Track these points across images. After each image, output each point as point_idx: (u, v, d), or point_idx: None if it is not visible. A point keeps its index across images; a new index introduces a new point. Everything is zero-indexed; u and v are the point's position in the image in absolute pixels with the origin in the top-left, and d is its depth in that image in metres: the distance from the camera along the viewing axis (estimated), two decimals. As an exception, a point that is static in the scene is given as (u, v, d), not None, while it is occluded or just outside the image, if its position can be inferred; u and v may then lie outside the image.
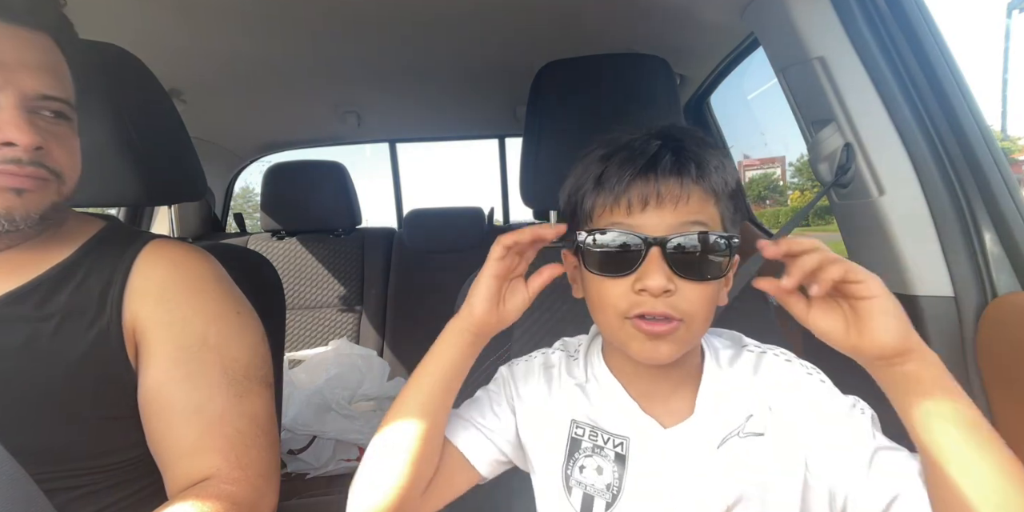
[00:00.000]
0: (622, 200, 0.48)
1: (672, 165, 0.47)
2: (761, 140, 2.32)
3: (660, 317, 0.47)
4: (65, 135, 0.55)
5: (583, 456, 0.53)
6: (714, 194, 0.48)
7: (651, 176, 0.47)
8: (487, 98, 1.77)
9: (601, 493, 0.52)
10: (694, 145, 0.50)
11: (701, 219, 0.47)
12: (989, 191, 0.68)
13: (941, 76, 0.70)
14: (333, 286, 1.91)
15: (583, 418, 0.55)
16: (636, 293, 0.47)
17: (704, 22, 1.08)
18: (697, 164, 0.48)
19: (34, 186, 0.52)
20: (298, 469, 1.45)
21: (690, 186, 0.47)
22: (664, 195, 0.47)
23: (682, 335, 0.48)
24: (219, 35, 1.11)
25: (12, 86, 0.50)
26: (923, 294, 0.72)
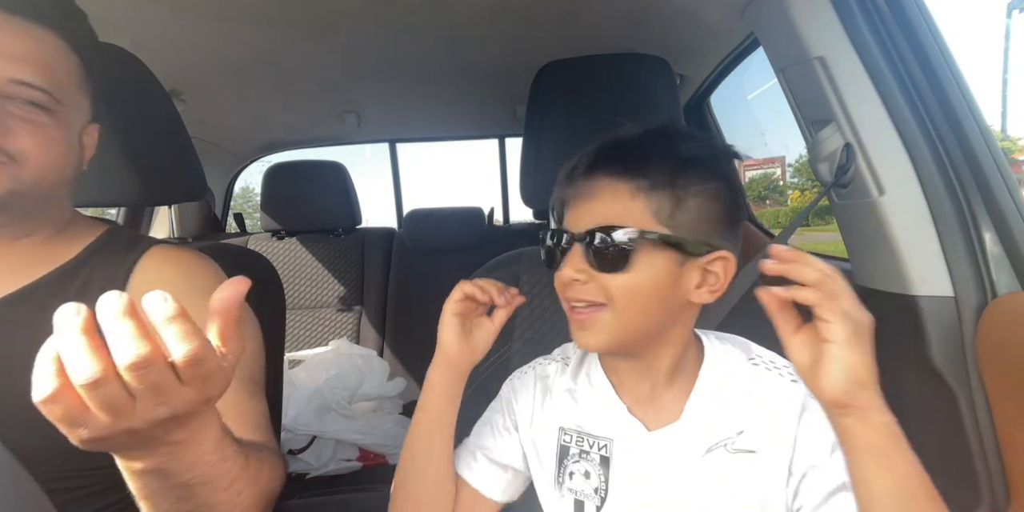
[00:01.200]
0: (558, 202, 0.55)
1: (586, 166, 0.52)
2: (761, 140, 2.32)
3: (580, 304, 0.51)
4: (40, 123, 0.54)
5: (571, 462, 0.55)
6: (630, 189, 0.49)
7: (571, 181, 0.53)
8: (487, 98, 1.77)
9: (590, 497, 0.53)
10: (625, 144, 0.52)
11: (612, 220, 0.49)
12: (989, 191, 0.68)
13: (941, 76, 0.70)
14: (333, 286, 1.91)
15: (570, 425, 0.57)
16: (561, 279, 0.52)
17: (704, 22, 1.08)
18: (609, 165, 0.51)
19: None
20: (298, 469, 1.45)
21: (600, 183, 0.51)
22: (579, 195, 0.52)
23: (607, 322, 0.50)
24: (219, 35, 1.11)
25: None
26: (923, 294, 0.72)
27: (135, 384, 0.31)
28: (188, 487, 0.40)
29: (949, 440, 0.72)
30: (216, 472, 0.41)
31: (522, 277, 0.87)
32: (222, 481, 0.42)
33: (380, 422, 1.53)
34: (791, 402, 0.51)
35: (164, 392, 0.32)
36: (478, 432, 0.64)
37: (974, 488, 0.69)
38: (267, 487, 0.49)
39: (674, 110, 0.90)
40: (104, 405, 0.31)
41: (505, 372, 0.79)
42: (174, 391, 0.32)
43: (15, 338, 0.55)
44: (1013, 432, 0.65)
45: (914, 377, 0.76)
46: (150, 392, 0.31)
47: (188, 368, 0.31)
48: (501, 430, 0.62)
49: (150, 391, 0.31)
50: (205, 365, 0.32)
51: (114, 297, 0.30)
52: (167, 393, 0.32)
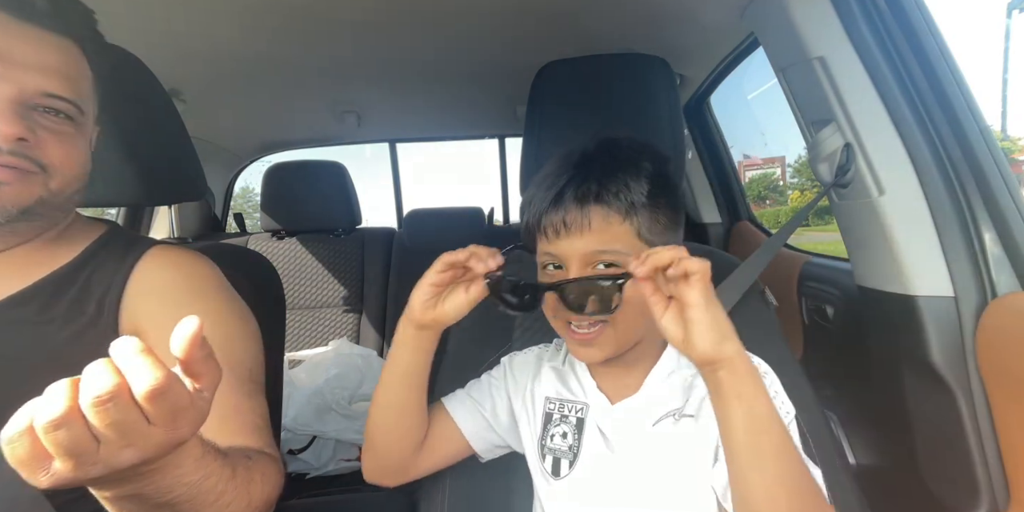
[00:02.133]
0: (541, 228, 0.56)
1: (574, 196, 0.54)
2: (761, 140, 2.32)
3: (584, 325, 0.55)
4: (65, 133, 0.55)
5: (553, 426, 0.62)
6: (619, 214, 0.54)
7: (559, 208, 0.55)
8: (487, 98, 1.77)
9: (565, 454, 0.60)
10: (600, 170, 0.56)
11: (608, 245, 0.54)
12: (989, 191, 0.68)
13: (941, 76, 0.70)
14: (333, 286, 1.91)
15: (554, 394, 0.64)
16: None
17: (704, 22, 1.08)
18: (596, 193, 0.54)
19: (13, 178, 0.52)
20: (298, 469, 1.45)
21: (590, 213, 0.54)
22: (569, 224, 0.54)
23: (609, 337, 0.55)
24: (218, 35, 1.11)
25: (11, 81, 0.51)
26: (923, 294, 0.72)
27: (99, 424, 0.29)
28: (171, 506, 0.39)
29: (948, 440, 0.72)
30: (198, 490, 0.40)
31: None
32: (207, 497, 0.41)
33: (380, 422, 1.53)
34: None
35: (130, 433, 0.30)
36: (473, 387, 0.68)
37: (973, 488, 0.69)
38: (260, 494, 0.49)
39: (674, 110, 0.90)
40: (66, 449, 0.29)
41: (505, 372, 0.79)
42: (141, 432, 0.30)
43: (17, 340, 0.55)
44: (1013, 432, 0.65)
45: (914, 377, 0.76)
46: (115, 433, 0.30)
47: (153, 401, 0.30)
48: (495, 394, 0.67)
49: (115, 432, 0.30)
50: (171, 398, 0.30)
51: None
52: (133, 434, 0.30)
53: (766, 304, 0.82)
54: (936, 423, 0.74)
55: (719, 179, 1.78)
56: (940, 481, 0.75)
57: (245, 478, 0.46)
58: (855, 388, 1.00)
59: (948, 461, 0.73)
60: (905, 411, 0.78)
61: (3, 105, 0.50)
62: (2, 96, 0.50)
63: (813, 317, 1.21)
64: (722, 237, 1.77)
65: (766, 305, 0.82)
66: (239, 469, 0.46)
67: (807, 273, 1.26)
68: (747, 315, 0.80)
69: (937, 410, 0.73)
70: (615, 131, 0.60)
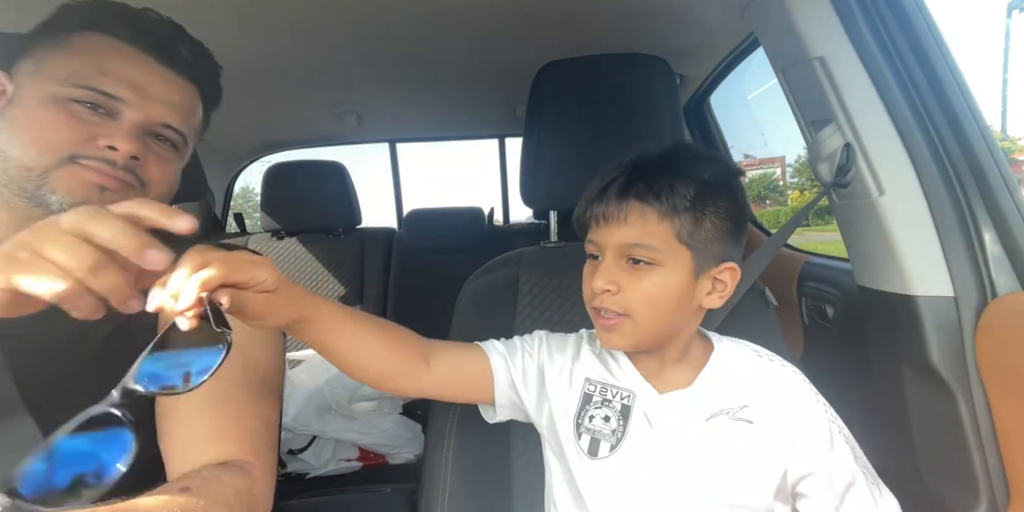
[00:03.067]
0: (587, 217, 0.61)
1: (618, 190, 0.58)
2: (761, 140, 2.32)
3: (608, 313, 0.58)
4: (168, 158, 0.64)
5: (593, 408, 0.63)
6: (659, 214, 0.56)
7: (602, 199, 0.59)
8: (487, 98, 1.77)
9: (607, 437, 0.61)
10: (653, 170, 0.58)
11: (643, 240, 0.56)
12: (989, 191, 0.69)
13: (941, 76, 0.70)
14: (333, 286, 1.91)
15: (596, 377, 0.65)
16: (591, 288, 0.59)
17: (704, 22, 1.08)
18: (640, 189, 0.57)
19: (117, 187, 0.59)
20: (298, 469, 1.45)
21: (629, 207, 0.57)
22: (608, 216, 0.58)
23: (629, 329, 0.58)
24: (217, 34, 1.11)
25: (143, 110, 0.60)
26: (923, 294, 0.72)
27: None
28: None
29: (948, 440, 0.72)
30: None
31: (522, 277, 0.87)
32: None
33: (380, 422, 1.53)
34: (793, 389, 0.61)
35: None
36: (505, 343, 0.69)
37: (973, 487, 0.69)
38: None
39: (674, 110, 0.90)
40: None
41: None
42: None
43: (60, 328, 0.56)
44: (1013, 431, 0.65)
45: (913, 377, 0.77)
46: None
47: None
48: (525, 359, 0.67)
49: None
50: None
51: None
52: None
53: (766, 304, 0.82)
54: (936, 422, 0.74)
55: (719, 179, 1.77)
56: (940, 480, 0.75)
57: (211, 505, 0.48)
58: (855, 388, 1.00)
59: (948, 460, 0.73)
60: (905, 411, 0.78)
61: (129, 127, 0.59)
62: (131, 120, 0.59)
63: (813, 317, 1.21)
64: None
65: (766, 305, 0.82)
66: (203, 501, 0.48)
67: (807, 273, 1.26)
68: (747, 315, 0.80)
69: (937, 409, 0.73)
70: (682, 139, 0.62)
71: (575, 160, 0.88)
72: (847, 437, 0.60)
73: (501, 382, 0.65)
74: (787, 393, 0.61)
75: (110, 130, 0.58)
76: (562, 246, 0.92)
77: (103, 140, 0.57)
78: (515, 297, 0.86)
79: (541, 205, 0.95)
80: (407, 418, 1.61)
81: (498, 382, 0.65)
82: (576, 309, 0.84)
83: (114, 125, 0.58)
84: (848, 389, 1.05)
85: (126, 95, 0.59)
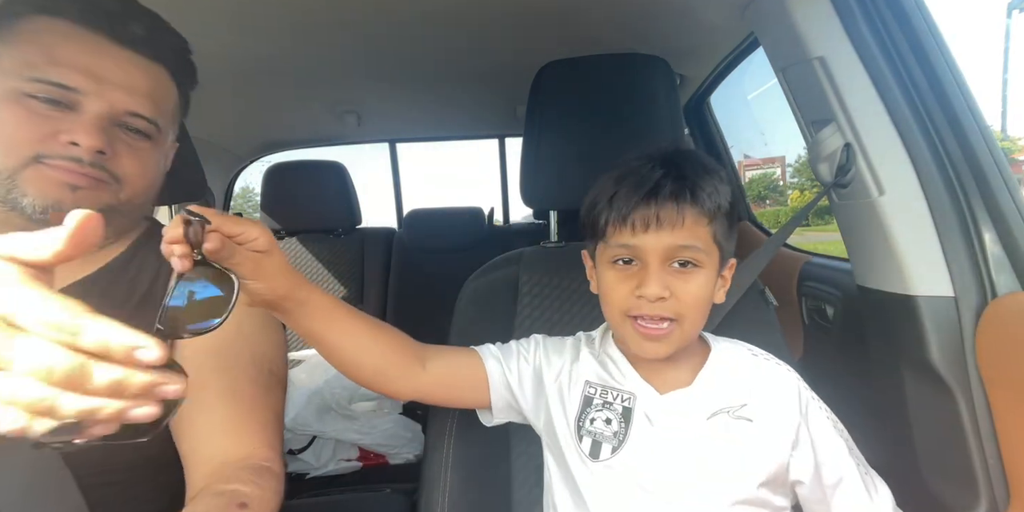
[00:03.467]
0: (628, 221, 0.57)
1: (671, 192, 0.56)
2: (761, 140, 2.32)
3: (656, 320, 0.57)
4: (141, 148, 0.60)
5: (594, 410, 0.63)
6: (707, 216, 0.57)
7: (652, 202, 0.56)
8: (487, 98, 1.77)
9: (609, 439, 0.61)
10: (692, 171, 0.58)
11: (693, 242, 0.56)
12: (989, 191, 0.69)
13: (941, 76, 0.70)
14: (333, 286, 1.91)
15: (596, 379, 0.65)
16: (636, 297, 0.57)
17: (704, 22, 1.08)
18: (692, 191, 0.56)
19: (88, 184, 0.56)
20: (298, 469, 1.45)
21: (685, 210, 0.56)
22: (663, 219, 0.55)
23: (676, 335, 0.58)
24: (218, 34, 1.11)
25: (103, 99, 0.56)
26: (923, 294, 0.72)
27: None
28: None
29: (948, 440, 0.72)
30: None
31: (522, 277, 0.87)
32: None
33: (380, 422, 1.53)
34: (789, 387, 0.62)
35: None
36: (500, 347, 0.69)
37: (973, 487, 0.69)
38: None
39: (674, 110, 0.90)
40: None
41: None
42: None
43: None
44: (1013, 432, 0.65)
45: (913, 377, 0.77)
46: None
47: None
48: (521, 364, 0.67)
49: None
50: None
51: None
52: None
53: (766, 304, 0.82)
54: (936, 423, 0.74)
55: (719, 179, 1.77)
56: (940, 480, 0.75)
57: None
58: (855, 388, 1.00)
59: (948, 460, 0.73)
60: (905, 411, 0.78)
61: (91, 120, 0.55)
62: (92, 111, 0.55)
63: (813, 317, 1.21)
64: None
65: (766, 305, 0.82)
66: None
67: (807, 273, 1.26)
68: (747, 315, 0.80)
69: (937, 410, 0.73)
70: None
71: (575, 160, 0.88)
72: (841, 430, 0.61)
73: (496, 384, 0.65)
74: (784, 391, 0.62)
75: (70, 124, 0.54)
76: (562, 246, 0.92)
77: (64, 136, 0.54)
78: (515, 297, 0.86)
79: (541, 205, 0.95)
80: (407, 418, 1.61)
81: (493, 384, 0.65)
82: (576, 309, 0.84)
83: (74, 118, 0.54)
84: (848, 389, 1.05)
85: (82, 84, 0.54)
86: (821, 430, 0.60)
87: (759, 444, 0.59)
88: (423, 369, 0.62)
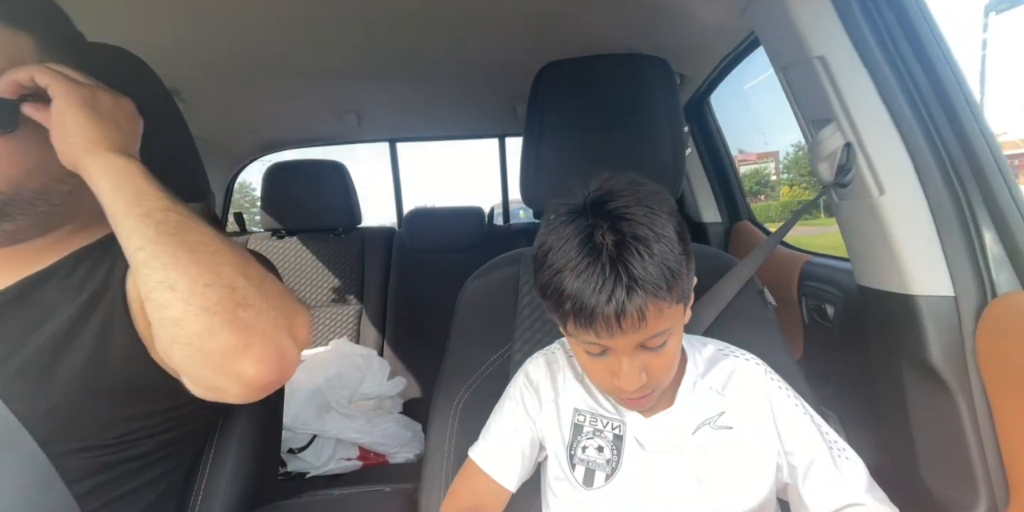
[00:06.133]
0: (592, 328, 0.51)
1: (628, 300, 0.49)
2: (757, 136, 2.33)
3: (636, 393, 0.56)
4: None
5: (585, 438, 0.63)
6: (667, 295, 0.50)
7: (611, 319, 0.50)
8: (487, 97, 1.77)
9: (602, 467, 0.62)
10: (639, 251, 0.50)
11: (660, 329, 0.52)
12: (990, 191, 0.69)
13: (942, 75, 0.70)
14: (333, 285, 1.91)
15: (584, 407, 0.65)
16: (615, 386, 0.56)
17: (704, 22, 1.08)
18: (649, 286, 0.49)
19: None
20: (298, 468, 1.45)
21: (647, 309, 0.50)
22: (627, 328, 0.50)
23: (656, 394, 0.59)
24: (218, 34, 1.11)
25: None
26: (923, 294, 0.72)
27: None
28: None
29: (948, 439, 0.72)
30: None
31: (522, 277, 0.87)
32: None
33: (380, 421, 1.53)
34: (757, 382, 0.64)
35: None
36: (500, 432, 0.68)
37: (973, 487, 0.69)
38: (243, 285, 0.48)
39: (674, 110, 0.90)
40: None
41: (504, 373, 0.79)
42: None
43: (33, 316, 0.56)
44: (1012, 431, 0.65)
45: (913, 376, 0.77)
46: None
47: None
48: (518, 428, 0.67)
49: None
50: None
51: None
52: None
53: (765, 304, 0.82)
54: (936, 422, 0.74)
55: (719, 179, 1.78)
56: (940, 480, 0.75)
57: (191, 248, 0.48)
58: (855, 387, 1.00)
59: (948, 460, 0.73)
60: (905, 410, 0.78)
61: None
62: None
63: (813, 317, 1.21)
64: (722, 237, 1.77)
65: (765, 305, 0.82)
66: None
67: (807, 273, 1.26)
68: (746, 315, 0.80)
69: (937, 409, 0.73)
70: (614, 176, 0.56)
71: (575, 160, 0.88)
72: (812, 416, 0.62)
73: (516, 482, 0.67)
74: (752, 387, 0.63)
75: None
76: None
77: None
78: (515, 297, 0.86)
79: (541, 205, 0.94)
80: (407, 417, 1.62)
81: (514, 485, 0.66)
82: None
83: None
84: (848, 388, 1.05)
85: None
86: (787, 417, 0.61)
87: (743, 449, 0.60)
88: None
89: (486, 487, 0.66)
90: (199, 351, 0.46)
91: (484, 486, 0.66)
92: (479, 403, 0.76)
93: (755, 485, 0.59)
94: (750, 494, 0.59)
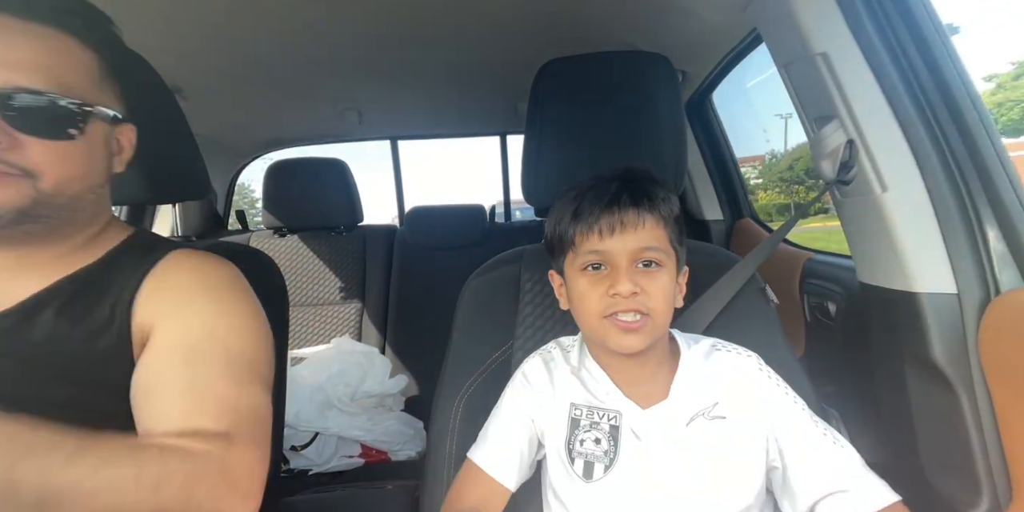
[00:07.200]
0: (595, 228, 0.62)
1: (630, 200, 0.62)
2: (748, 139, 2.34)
3: (631, 313, 0.60)
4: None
5: (583, 432, 0.65)
6: (663, 220, 0.63)
7: (615, 209, 0.61)
8: (489, 95, 1.77)
9: (600, 459, 0.63)
10: (645, 183, 0.64)
11: (654, 243, 0.62)
12: (993, 188, 0.68)
13: (945, 72, 0.70)
14: (335, 283, 1.91)
15: (580, 401, 0.67)
16: (610, 296, 0.61)
17: (706, 19, 1.08)
18: (648, 198, 0.63)
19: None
20: (300, 466, 1.46)
21: (644, 215, 0.62)
22: (626, 223, 0.61)
23: (649, 328, 0.61)
24: (220, 32, 1.11)
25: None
26: (926, 291, 0.72)
27: None
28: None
29: (951, 436, 0.72)
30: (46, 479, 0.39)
31: (523, 275, 0.87)
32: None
33: (382, 419, 1.53)
34: (750, 374, 0.66)
35: None
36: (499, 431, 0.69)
37: (975, 484, 0.69)
38: (176, 499, 0.46)
39: (675, 107, 0.89)
40: None
41: (506, 371, 0.79)
42: None
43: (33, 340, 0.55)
44: (1015, 428, 0.65)
45: (916, 374, 0.76)
46: None
47: None
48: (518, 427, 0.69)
49: None
50: None
51: None
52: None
53: (767, 302, 0.82)
54: (938, 420, 0.74)
55: (721, 176, 1.77)
56: (942, 477, 0.75)
57: (139, 478, 0.43)
58: (857, 385, 1.00)
59: (950, 457, 0.73)
60: (907, 408, 0.78)
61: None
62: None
63: (815, 314, 1.21)
64: (724, 234, 1.77)
65: (767, 303, 0.82)
66: (123, 465, 0.43)
67: (809, 270, 1.26)
68: (748, 313, 0.80)
69: (939, 407, 0.73)
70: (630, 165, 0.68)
71: (577, 157, 0.88)
72: (803, 407, 0.65)
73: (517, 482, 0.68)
74: (743, 377, 0.66)
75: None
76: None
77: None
78: (517, 295, 0.86)
79: (542, 202, 0.94)
80: (409, 415, 1.62)
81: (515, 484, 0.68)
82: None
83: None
84: (850, 386, 1.05)
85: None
86: (776, 405, 0.63)
87: (737, 439, 0.62)
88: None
89: (486, 487, 0.67)
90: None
91: (484, 486, 0.67)
92: (481, 401, 0.77)
93: (749, 474, 0.61)
94: (745, 483, 0.61)
